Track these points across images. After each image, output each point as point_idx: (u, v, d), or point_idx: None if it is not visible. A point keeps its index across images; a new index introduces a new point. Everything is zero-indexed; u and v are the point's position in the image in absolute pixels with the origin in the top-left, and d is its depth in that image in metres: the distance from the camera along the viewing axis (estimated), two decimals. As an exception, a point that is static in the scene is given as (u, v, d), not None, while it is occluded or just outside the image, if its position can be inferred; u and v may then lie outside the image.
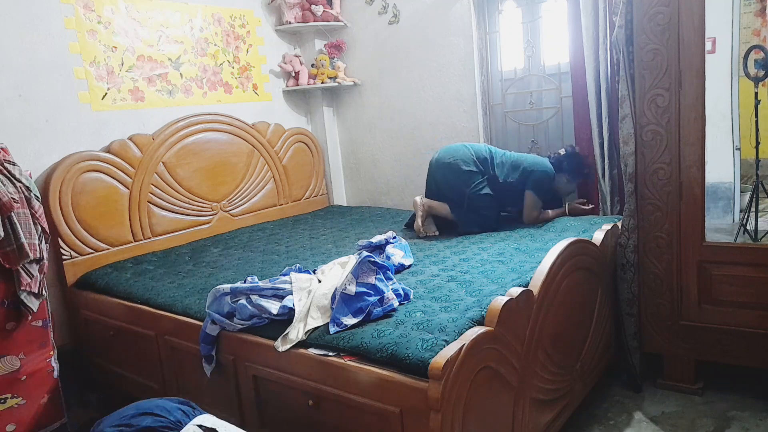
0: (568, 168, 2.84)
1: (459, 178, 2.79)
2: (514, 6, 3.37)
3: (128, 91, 3.01)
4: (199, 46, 3.33)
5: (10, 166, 2.09)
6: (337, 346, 1.67)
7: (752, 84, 2.57)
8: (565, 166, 2.83)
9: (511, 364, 1.69)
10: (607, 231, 2.41)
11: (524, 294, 1.75)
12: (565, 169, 2.84)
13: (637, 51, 2.20)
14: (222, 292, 1.94)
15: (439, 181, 2.87)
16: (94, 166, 2.79)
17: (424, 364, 1.46)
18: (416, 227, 2.83)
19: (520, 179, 2.79)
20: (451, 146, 2.95)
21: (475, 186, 2.77)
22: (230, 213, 3.43)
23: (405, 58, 3.67)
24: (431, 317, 1.71)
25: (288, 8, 3.69)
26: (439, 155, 2.93)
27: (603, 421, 2.23)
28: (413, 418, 1.49)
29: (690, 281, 2.25)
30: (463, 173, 2.79)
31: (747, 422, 2.13)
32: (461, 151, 2.86)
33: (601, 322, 2.30)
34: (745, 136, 2.74)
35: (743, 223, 2.68)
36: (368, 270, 1.84)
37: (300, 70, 3.80)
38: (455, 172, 2.80)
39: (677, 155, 2.18)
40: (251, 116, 3.60)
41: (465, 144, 2.94)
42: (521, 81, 3.40)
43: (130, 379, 2.52)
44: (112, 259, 2.83)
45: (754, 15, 2.90)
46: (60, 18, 2.72)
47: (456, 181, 2.80)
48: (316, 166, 4.00)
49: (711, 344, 2.25)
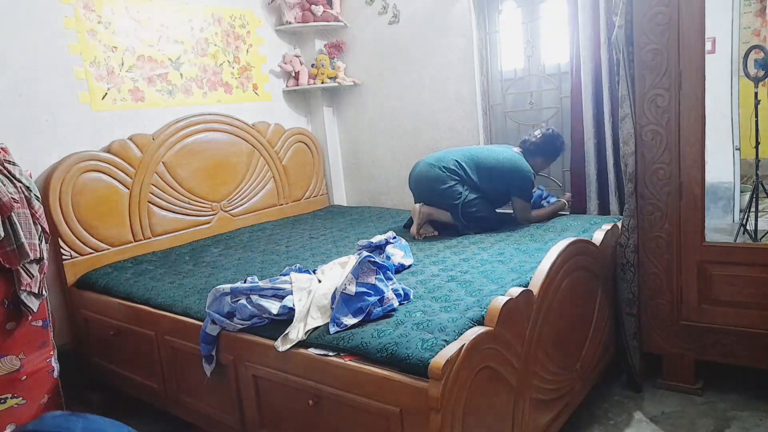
0: (543, 152, 2.88)
1: (442, 196, 2.80)
2: (514, 6, 3.37)
3: (128, 91, 3.01)
4: (199, 46, 3.33)
5: (10, 166, 2.09)
6: (337, 346, 1.67)
7: (752, 84, 2.57)
8: (541, 150, 2.87)
9: (511, 364, 1.69)
10: (607, 231, 2.41)
11: (524, 294, 1.75)
12: (540, 153, 2.88)
13: (637, 51, 2.20)
14: (222, 292, 1.94)
15: (428, 197, 2.87)
16: (94, 166, 2.79)
17: (424, 364, 1.46)
18: (412, 232, 2.82)
19: (503, 185, 2.81)
20: (421, 170, 2.92)
21: (460, 195, 2.78)
22: (230, 213, 3.43)
23: (405, 58, 3.67)
24: (431, 317, 1.71)
25: (288, 8, 3.69)
26: (415, 182, 2.94)
27: (603, 421, 2.23)
28: (413, 418, 1.49)
29: (690, 281, 2.25)
30: (445, 191, 2.79)
31: (747, 422, 2.14)
32: (433, 173, 2.84)
33: (601, 322, 2.30)
34: (745, 136, 2.74)
35: (743, 223, 2.69)
36: (368, 270, 1.84)
37: (300, 70, 3.80)
38: (437, 193, 2.81)
39: (677, 155, 2.19)
40: (251, 116, 3.60)
41: (430, 163, 2.90)
42: (521, 81, 3.40)
43: (130, 379, 2.52)
44: (112, 259, 2.83)
45: (754, 15, 2.90)
46: (60, 18, 2.72)
47: (441, 199, 2.81)
48: (316, 166, 4.00)
49: (711, 344, 2.25)
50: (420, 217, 2.82)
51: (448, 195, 2.78)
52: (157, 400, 2.41)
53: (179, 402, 2.28)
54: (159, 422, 2.49)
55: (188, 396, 2.24)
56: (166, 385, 2.32)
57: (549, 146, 2.88)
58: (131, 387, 2.53)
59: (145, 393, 2.46)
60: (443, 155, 2.91)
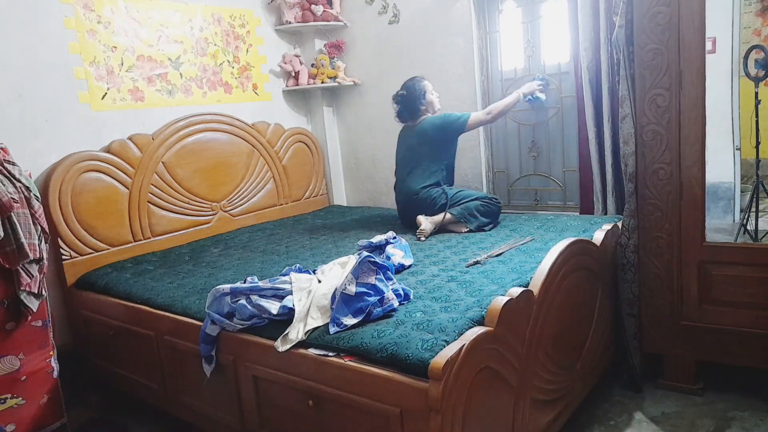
0: (417, 98, 3.04)
1: (431, 208, 2.87)
2: (514, 6, 3.36)
3: (128, 91, 3.00)
4: (198, 46, 3.32)
5: (9, 166, 2.09)
6: (337, 346, 1.67)
7: (752, 84, 2.57)
8: (415, 99, 3.05)
9: (512, 365, 1.69)
10: (607, 231, 2.41)
11: (524, 294, 1.74)
12: (418, 100, 3.04)
13: (638, 51, 2.19)
14: (222, 292, 1.94)
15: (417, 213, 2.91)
16: (94, 166, 2.79)
17: (424, 365, 1.46)
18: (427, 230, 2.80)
19: (443, 137, 2.99)
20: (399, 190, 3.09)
21: (444, 197, 2.87)
22: (230, 213, 3.43)
23: (405, 58, 3.67)
24: (431, 317, 1.71)
25: (288, 8, 3.69)
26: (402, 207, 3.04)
27: (603, 421, 2.23)
28: (413, 418, 1.49)
29: (690, 281, 2.25)
30: (430, 203, 2.89)
31: (747, 422, 2.13)
32: (405, 190, 3.00)
33: (601, 322, 2.30)
34: (746, 136, 2.74)
35: (743, 223, 2.68)
36: (368, 270, 1.84)
37: (300, 70, 3.80)
38: (425, 209, 2.88)
39: (677, 155, 2.18)
40: (251, 116, 3.60)
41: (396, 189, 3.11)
42: (521, 81, 3.40)
43: (129, 379, 2.51)
44: (112, 259, 2.83)
45: (755, 15, 2.89)
46: (60, 18, 2.72)
47: (432, 209, 2.88)
48: (316, 166, 4.00)
49: (711, 344, 2.25)
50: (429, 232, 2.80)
51: (435, 205, 2.88)
52: (156, 400, 2.41)
53: (179, 402, 2.28)
54: (159, 422, 2.49)
55: (188, 396, 2.23)
56: (166, 385, 2.32)
57: (410, 89, 3.05)
58: (131, 387, 2.53)
59: (145, 393, 2.46)
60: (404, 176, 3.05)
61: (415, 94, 3.04)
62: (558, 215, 3.02)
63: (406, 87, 3.08)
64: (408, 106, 3.07)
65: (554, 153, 3.34)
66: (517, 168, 3.51)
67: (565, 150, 3.29)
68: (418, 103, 3.05)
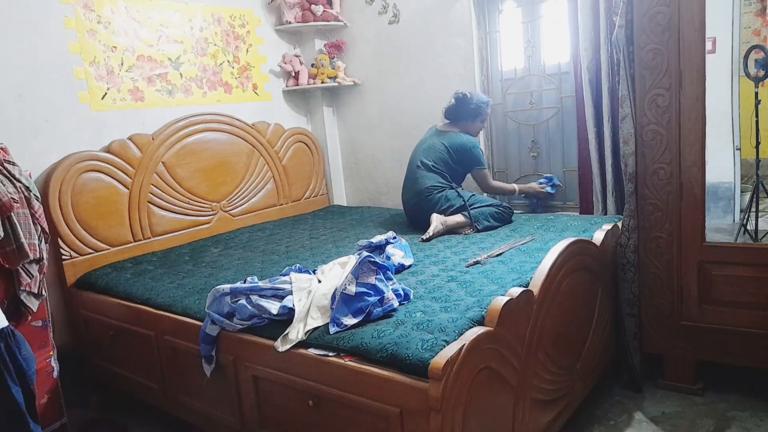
0: (474, 114, 3.04)
1: (441, 208, 2.86)
2: (514, 6, 3.36)
3: (128, 91, 3.00)
4: (198, 46, 3.32)
5: (9, 166, 2.09)
6: (337, 346, 1.67)
7: (752, 84, 2.56)
8: (471, 112, 3.04)
9: (512, 365, 1.69)
10: (607, 231, 2.41)
11: (524, 294, 1.74)
12: (464, 117, 3.04)
13: (638, 51, 2.19)
14: (222, 292, 1.94)
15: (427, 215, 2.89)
16: (94, 166, 2.79)
17: (424, 365, 1.46)
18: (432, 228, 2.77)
19: (459, 160, 3.00)
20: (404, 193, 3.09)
21: (453, 197, 2.87)
22: (230, 213, 3.43)
23: (405, 58, 3.67)
24: (431, 317, 1.71)
25: (288, 8, 3.69)
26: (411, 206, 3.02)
27: (603, 421, 2.23)
28: (413, 418, 1.49)
29: (690, 281, 2.25)
30: (439, 201, 2.88)
31: (747, 422, 2.13)
32: (413, 190, 2.98)
33: (601, 322, 2.30)
34: (746, 136, 2.73)
35: (743, 223, 2.68)
36: (368, 270, 1.84)
37: (300, 69, 3.80)
38: (435, 209, 2.87)
39: (677, 155, 2.18)
40: (251, 116, 3.60)
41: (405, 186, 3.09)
42: (521, 81, 3.40)
43: (129, 379, 2.51)
44: (111, 259, 2.83)
45: (755, 15, 2.90)
46: (60, 18, 2.72)
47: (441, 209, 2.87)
48: (316, 166, 4.00)
49: (711, 344, 2.25)
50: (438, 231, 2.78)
51: (445, 202, 2.87)
52: (156, 400, 2.41)
53: (179, 402, 2.28)
54: (159, 422, 2.49)
55: (188, 396, 2.23)
56: (165, 385, 2.32)
57: (473, 105, 3.02)
58: (131, 387, 2.53)
59: (145, 393, 2.46)
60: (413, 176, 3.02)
61: (475, 110, 3.02)
62: (558, 215, 3.02)
63: (475, 97, 3.03)
64: (460, 110, 3.04)
65: (554, 153, 3.34)
66: (517, 168, 3.51)
67: (564, 150, 3.29)
68: (469, 116, 3.04)
